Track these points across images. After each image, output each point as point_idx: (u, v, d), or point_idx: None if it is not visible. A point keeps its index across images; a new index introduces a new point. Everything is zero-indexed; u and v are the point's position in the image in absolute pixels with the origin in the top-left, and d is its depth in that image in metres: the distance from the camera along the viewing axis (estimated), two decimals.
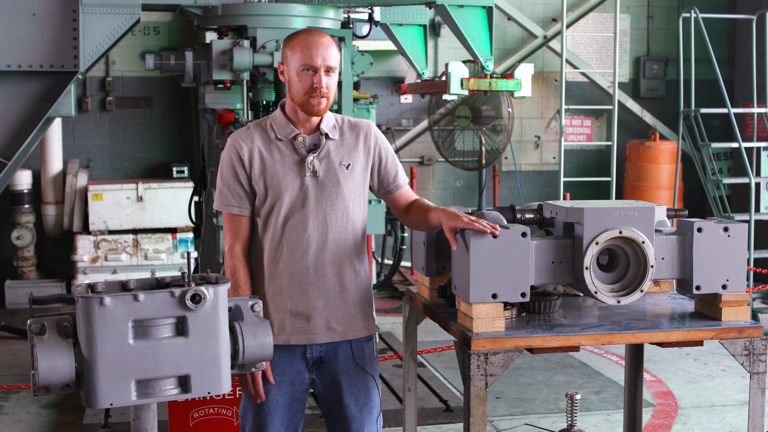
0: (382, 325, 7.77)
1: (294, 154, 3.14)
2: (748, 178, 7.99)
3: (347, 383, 3.20)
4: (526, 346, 2.93)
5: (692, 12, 8.13)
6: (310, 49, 3.06)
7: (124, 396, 2.41)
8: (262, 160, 3.13)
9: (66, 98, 5.15)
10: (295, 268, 3.13)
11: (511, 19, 10.12)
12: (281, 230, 3.13)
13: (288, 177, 3.12)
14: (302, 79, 3.07)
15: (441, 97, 8.80)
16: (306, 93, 3.07)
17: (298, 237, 3.12)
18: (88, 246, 8.65)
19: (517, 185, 10.38)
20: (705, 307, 3.20)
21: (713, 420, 5.64)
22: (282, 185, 3.11)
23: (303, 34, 3.12)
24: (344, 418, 3.21)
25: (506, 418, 5.61)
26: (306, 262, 3.13)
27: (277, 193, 3.12)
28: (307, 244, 3.12)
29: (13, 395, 6.09)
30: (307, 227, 3.12)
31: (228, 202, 3.16)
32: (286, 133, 3.15)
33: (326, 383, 3.22)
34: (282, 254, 3.14)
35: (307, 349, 3.17)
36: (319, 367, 3.21)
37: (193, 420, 4.64)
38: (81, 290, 2.44)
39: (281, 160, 3.13)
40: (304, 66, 3.06)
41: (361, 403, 3.22)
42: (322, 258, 3.13)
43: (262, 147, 3.14)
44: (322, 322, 3.16)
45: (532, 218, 3.26)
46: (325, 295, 3.15)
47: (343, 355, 3.20)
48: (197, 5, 5.52)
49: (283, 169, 3.12)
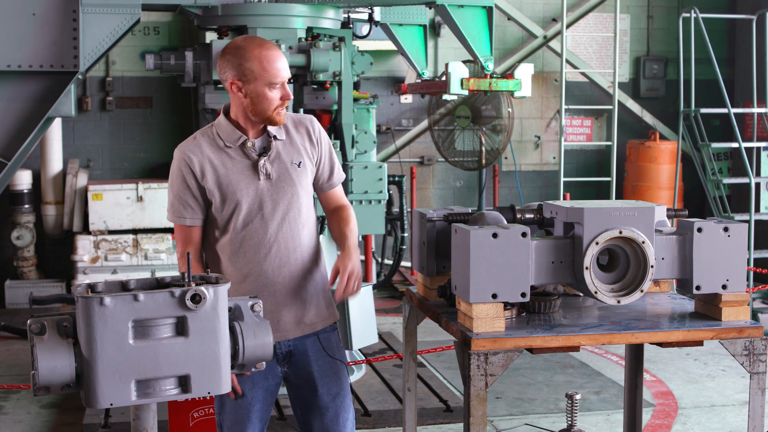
0: (382, 325, 7.76)
1: (245, 160, 3.16)
2: (748, 178, 7.99)
3: (319, 374, 3.27)
4: (526, 346, 2.93)
5: (692, 12, 8.13)
6: (274, 65, 3.08)
7: (124, 396, 2.41)
8: (215, 169, 3.14)
9: (66, 98, 5.16)
10: (259, 270, 3.17)
11: (511, 19, 10.12)
12: (242, 235, 3.17)
13: (242, 183, 3.15)
14: (270, 95, 3.09)
15: (441, 97, 8.79)
16: (275, 108, 3.11)
17: (260, 240, 3.16)
18: (88, 246, 8.65)
19: (517, 185, 10.38)
20: (705, 307, 3.20)
21: (713, 420, 5.64)
22: (238, 192, 3.14)
23: (257, 48, 3.09)
24: (318, 408, 3.28)
25: (506, 418, 5.61)
26: (270, 262, 3.17)
27: (235, 200, 3.15)
28: (269, 245, 3.17)
29: (13, 395, 6.09)
30: (267, 229, 3.16)
31: (180, 214, 3.19)
32: (234, 140, 3.17)
33: (299, 375, 3.29)
34: (244, 258, 3.17)
35: (275, 344, 3.21)
36: (289, 360, 3.28)
37: (193, 420, 4.63)
38: (81, 290, 2.44)
39: (233, 167, 3.15)
40: (273, 84, 3.08)
41: (333, 392, 3.29)
42: (285, 256, 3.18)
43: (212, 156, 3.15)
44: (291, 318, 3.22)
45: (532, 218, 3.26)
46: (292, 292, 3.21)
47: (312, 347, 3.27)
48: (197, 5, 5.52)
49: (237, 175, 3.15)
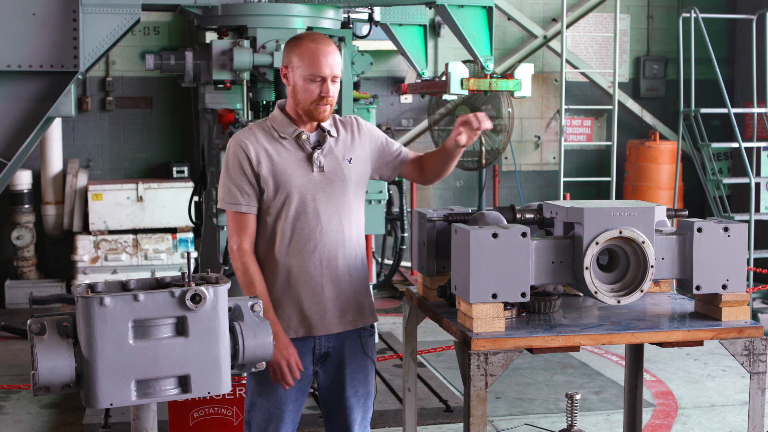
0: (382, 325, 7.77)
1: (299, 151, 3.19)
2: (748, 178, 7.99)
3: (350, 375, 3.30)
4: (526, 346, 2.93)
5: (692, 12, 8.13)
6: (318, 59, 3.09)
7: (124, 396, 2.41)
8: (269, 157, 3.17)
9: (66, 98, 5.16)
10: (307, 262, 3.19)
11: (511, 19, 10.11)
12: (292, 225, 3.18)
13: (296, 173, 3.17)
14: (309, 87, 3.11)
15: (441, 97, 8.79)
16: (313, 102, 3.13)
17: (310, 231, 3.18)
18: (88, 246, 8.65)
19: (517, 185, 10.38)
20: (705, 307, 3.20)
21: (713, 420, 5.64)
22: (291, 181, 3.16)
23: (309, 41, 3.13)
24: (344, 408, 3.32)
25: (506, 418, 5.61)
26: (318, 254, 3.19)
27: (287, 189, 3.17)
28: (319, 237, 3.19)
29: (13, 395, 6.09)
30: (318, 221, 3.18)
31: (236, 200, 3.17)
32: (290, 132, 3.20)
33: (329, 375, 3.31)
34: (294, 248, 3.18)
35: (315, 343, 3.24)
36: (324, 360, 3.29)
37: (193, 420, 4.64)
38: (81, 290, 2.44)
39: (288, 157, 3.18)
40: (313, 76, 3.10)
41: (360, 393, 3.33)
42: (333, 250, 3.20)
43: (267, 145, 3.19)
44: (336, 312, 3.23)
45: (532, 218, 3.26)
46: (337, 286, 3.22)
47: (349, 346, 3.28)
48: (197, 5, 5.52)
49: (291, 165, 3.17)
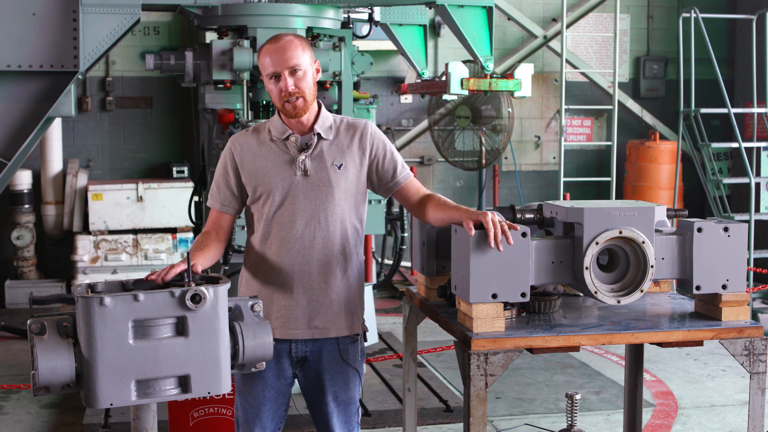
0: (382, 325, 7.77)
1: (285, 154, 3.21)
2: (748, 178, 7.99)
3: (329, 382, 3.28)
4: (526, 346, 2.93)
5: (692, 12, 8.13)
6: (271, 56, 3.14)
7: (124, 396, 2.41)
8: (254, 158, 3.22)
9: (66, 98, 5.16)
10: (282, 264, 3.20)
11: (511, 19, 10.11)
12: (269, 226, 3.21)
13: (278, 175, 3.19)
14: (271, 87, 3.17)
15: (441, 97, 8.80)
16: (280, 99, 3.16)
17: (286, 234, 3.19)
18: (88, 246, 8.65)
19: (517, 185, 10.38)
20: (705, 307, 3.20)
21: (713, 420, 5.64)
22: (272, 183, 3.19)
23: (266, 43, 3.19)
24: (324, 414, 3.30)
25: (506, 418, 5.61)
26: (292, 258, 3.19)
27: (267, 190, 3.19)
28: (294, 242, 3.19)
29: (13, 395, 6.09)
30: (295, 224, 3.18)
31: (214, 197, 3.30)
32: (280, 134, 3.23)
33: (309, 380, 3.31)
34: (270, 250, 3.21)
35: (292, 346, 3.25)
36: (302, 365, 3.29)
37: (193, 420, 4.64)
38: (81, 290, 2.45)
39: (272, 159, 3.21)
40: (270, 75, 3.15)
41: (340, 399, 3.30)
42: (308, 255, 3.19)
43: (256, 147, 3.24)
44: (304, 318, 3.23)
45: (532, 218, 3.26)
46: (308, 292, 3.21)
47: (328, 354, 3.26)
48: (197, 5, 5.52)
49: (274, 167, 3.20)
